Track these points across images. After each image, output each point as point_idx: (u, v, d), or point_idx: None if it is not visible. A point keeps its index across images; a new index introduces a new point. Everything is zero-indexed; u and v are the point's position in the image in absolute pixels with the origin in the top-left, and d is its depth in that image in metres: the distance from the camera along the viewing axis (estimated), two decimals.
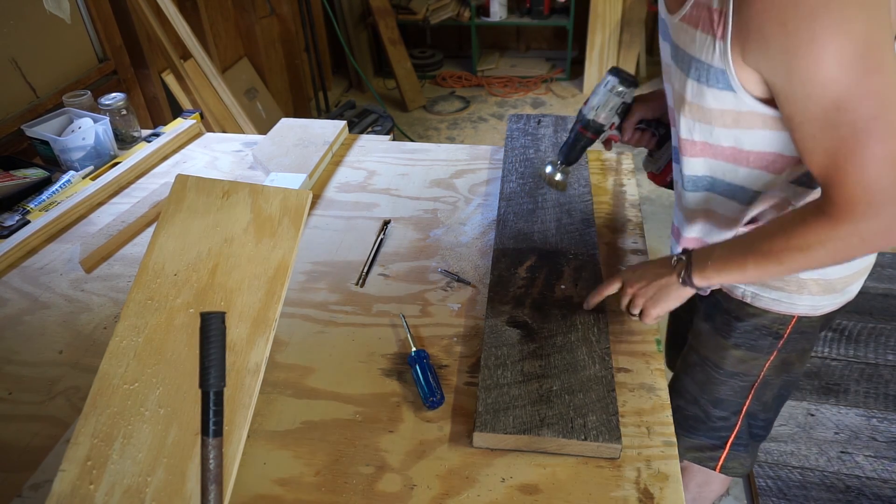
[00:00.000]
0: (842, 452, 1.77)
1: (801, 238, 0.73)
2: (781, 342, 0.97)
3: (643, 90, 4.00)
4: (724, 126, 0.79)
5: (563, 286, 1.00)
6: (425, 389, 0.87)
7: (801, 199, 0.83)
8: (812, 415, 1.88)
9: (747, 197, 0.86)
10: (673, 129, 0.90)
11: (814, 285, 0.91)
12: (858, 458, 1.75)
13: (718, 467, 1.09)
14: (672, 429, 0.82)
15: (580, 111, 1.04)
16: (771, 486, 1.71)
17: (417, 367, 0.89)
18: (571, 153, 1.07)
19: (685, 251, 0.87)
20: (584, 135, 1.04)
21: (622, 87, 0.99)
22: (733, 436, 1.06)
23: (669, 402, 0.86)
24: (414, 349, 0.93)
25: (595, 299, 0.94)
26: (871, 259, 0.96)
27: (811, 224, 0.72)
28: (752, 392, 1.02)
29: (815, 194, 0.82)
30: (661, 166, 1.07)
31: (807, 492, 1.69)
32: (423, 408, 0.86)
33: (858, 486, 1.68)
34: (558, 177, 1.10)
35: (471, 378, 0.91)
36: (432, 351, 0.95)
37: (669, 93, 0.88)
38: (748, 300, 0.94)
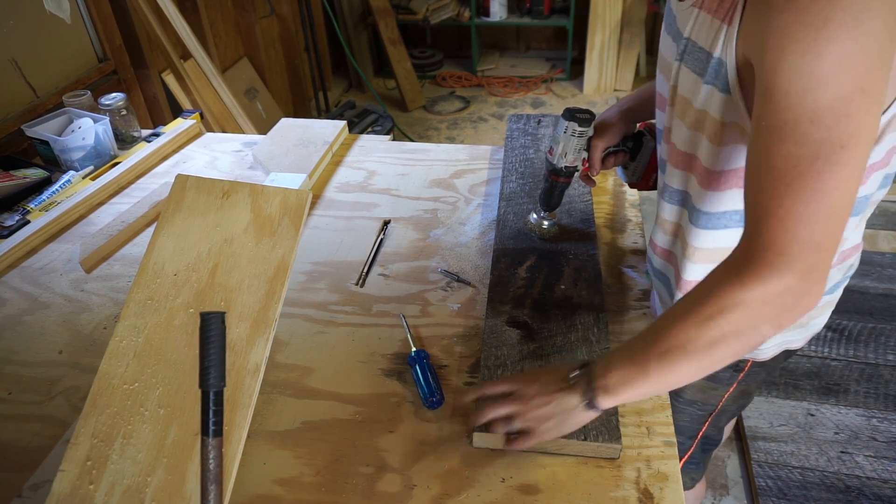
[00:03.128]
0: (842, 452, 1.77)
1: (704, 309, 0.59)
2: (742, 374, 0.94)
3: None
4: (703, 133, 0.72)
5: (563, 286, 1.00)
6: (425, 389, 0.87)
7: None
8: (812, 415, 1.88)
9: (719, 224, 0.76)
10: (658, 131, 0.86)
11: None
12: (858, 458, 1.75)
13: None
14: (672, 429, 0.82)
15: (547, 159, 1.03)
16: (771, 486, 1.71)
17: (417, 368, 0.89)
18: (552, 200, 1.07)
19: (584, 362, 0.72)
20: (558, 182, 1.04)
21: (582, 128, 0.97)
22: (687, 456, 1.04)
23: (669, 402, 0.86)
24: (414, 349, 0.93)
25: (468, 397, 0.79)
26: (839, 291, 0.88)
27: (717, 288, 0.59)
28: (710, 419, 1.00)
29: None
30: (640, 174, 1.06)
31: (807, 492, 1.69)
32: (423, 408, 0.86)
33: (858, 486, 1.68)
34: (545, 224, 1.09)
35: (471, 378, 0.91)
36: (432, 351, 0.95)
37: (664, 89, 0.82)
38: None
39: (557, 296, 0.98)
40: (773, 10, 0.54)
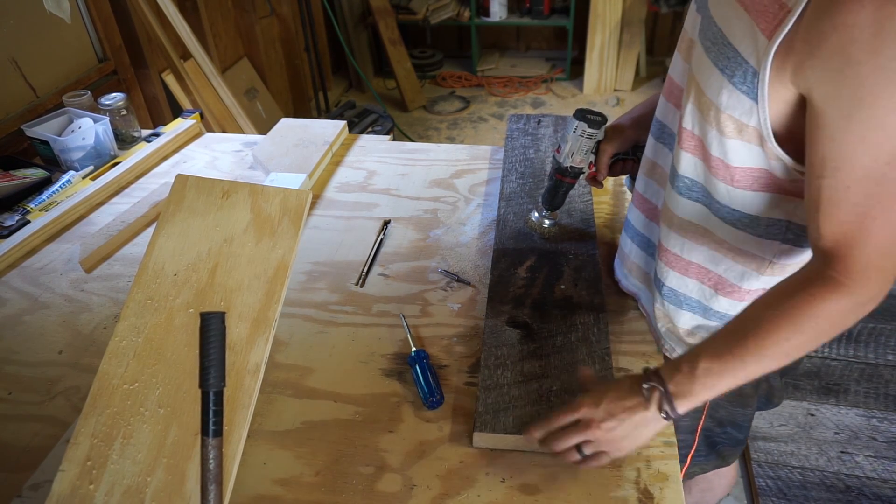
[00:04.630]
0: (842, 452, 1.77)
1: (799, 316, 0.66)
2: None
3: (642, 92, 3.97)
4: (721, 133, 0.71)
5: (563, 286, 1.00)
6: (425, 389, 0.87)
7: (782, 259, 0.78)
8: (812, 415, 1.88)
9: (744, 221, 0.77)
10: (666, 112, 0.84)
11: None
12: (858, 458, 1.75)
13: (682, 474, 1.10)
14: (672, 429, 0.82)
15: (554, 158, 1.02)
16: (771, 486, 1.71)
17: (417, 368, 0.89)
18: (555, 199, 1.07)
19: (651, 371, 0.72)
20: (563, 181, 1.03)
21: (592, 129, 0.97)
22: (693, 451, 1.05)
23: None
24: (414, 349, 0.93)
25: (537, 433, 0.76)
26: None
27: (818, 297, 0.65)
28: (705, 413, 1.01)
29: (798, 259, 0.78)
30: None
31: (807, 492, 1.69)
32: (423, 408, 0.86)
33: (858, 486, 1.68)
34: (546, 224, 1.09)
35: (471, 378, 0.91)
36: (432, 351, 0.95)
37: (681, 71, 0.80)
38: (689, 339, 0.91)
39: (557, 296, 0.98)
40: (847, 59, 0.56)
